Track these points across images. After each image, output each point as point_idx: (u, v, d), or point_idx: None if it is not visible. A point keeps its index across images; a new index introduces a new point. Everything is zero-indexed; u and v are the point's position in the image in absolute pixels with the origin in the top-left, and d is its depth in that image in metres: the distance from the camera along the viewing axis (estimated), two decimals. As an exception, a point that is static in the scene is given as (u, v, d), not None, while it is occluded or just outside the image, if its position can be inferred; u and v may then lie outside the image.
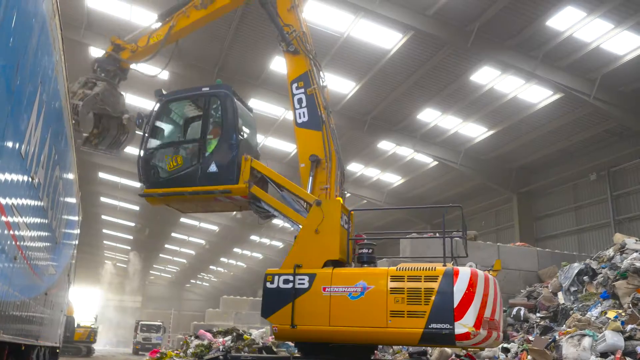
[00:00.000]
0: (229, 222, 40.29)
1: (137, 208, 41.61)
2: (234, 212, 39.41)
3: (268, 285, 7.34)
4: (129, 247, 56.05)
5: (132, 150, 30.96)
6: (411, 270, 6.91)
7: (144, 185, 8.73)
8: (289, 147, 26.92)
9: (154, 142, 8.85)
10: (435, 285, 6.61)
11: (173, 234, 48.69)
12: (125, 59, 10.45)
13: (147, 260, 59.30)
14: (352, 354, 7.71)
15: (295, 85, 8.70)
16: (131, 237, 51.43)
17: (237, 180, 8.10)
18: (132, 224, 46.15)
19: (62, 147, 7.68)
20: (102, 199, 40.73)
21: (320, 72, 8.81)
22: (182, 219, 43.44)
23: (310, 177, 8.11)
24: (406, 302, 6.65)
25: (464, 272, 6.70)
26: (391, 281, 6.82)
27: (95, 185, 36.62)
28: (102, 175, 35.55)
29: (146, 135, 8.63)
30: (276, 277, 7.35)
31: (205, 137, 8.49)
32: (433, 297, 6.54)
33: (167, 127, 9.05)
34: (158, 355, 13.28)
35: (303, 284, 7.21)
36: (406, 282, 6.78)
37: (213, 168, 8.16)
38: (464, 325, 6.42)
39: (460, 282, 6.58)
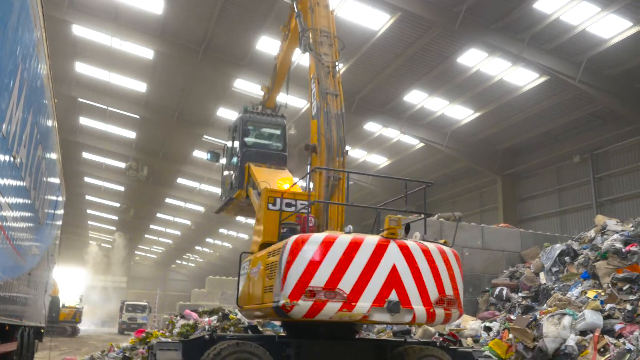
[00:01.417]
0: (214, 203, 40.16)
1: (121, 188, 41.36)
2: (220, 192, 39.37)
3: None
4: (114, 228, 55.80)
5: (115, 129, 30.71)
6: (274, 245, 7.10)
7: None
8: (275, 128, 26.79)
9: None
10: (277, 259, 6.55)
11: (158, 215, 48.52)
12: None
13: (133, 240, 59.12)
14: (337, 333, 7.79)
15: (312, 81, 8.81)
16: (116, 218, 51.17)
17: (240, 186, 9.34)
18: (117, 205, 45.89)
19: (44, 126, 7.58)
20: (87, 179, 40.40)
21: (328, 58, 8.67)
22: (168, 200, 43.30)
23: (308, 165, 8.16)
24: (269, 278, 6.82)
25: (289, 242, 6.40)
26: (267, 258, 7.04)
27: (79, 165, 36.28)
28: (86, 155, 35.22)
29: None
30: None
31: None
32: (276, 271, 6.52)
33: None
34: (144, 335, 13.27)
35: (244, 268, 8.15)
36: (271, 257, 6.91)
37: (233, 179, 9.94)
38: (283, 296, 6.25)
39: (284, 252, 6.37)
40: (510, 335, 9.79)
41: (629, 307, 9.26)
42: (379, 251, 6.47)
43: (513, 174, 25.98)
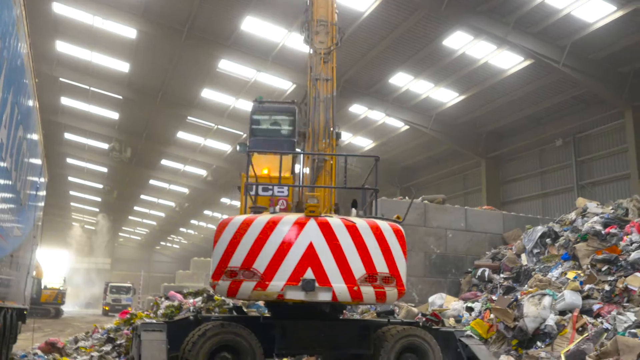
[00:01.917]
0: (199, 185, 40.08)
1: (104, 170, 40.98)
2: (205, 174, 39.34)
3: None
4: (97, 209, 55.40)
5: (97, 110, 30.29)
6: None
7: None
8: (260, 110, 26.61)
9: None
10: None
11: (142, 196, 48.22)
12: None
13: (116, 222, 58.77)
14: (321, 313, 7.86)
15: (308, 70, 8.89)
16: (99, 199, 50.77)
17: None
18: (100, 186, 45.50)
19: (25, 106, 7.46)
20: (69, 160, 39.93)
21: (323, 45, 8.87)
22: (152, 181, 43.02)
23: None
24: None
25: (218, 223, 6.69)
26: None
27: (61, 146, 35.82)
28: (68, 136, 34.77)
29: None
30: None
31: None
32: None
33: None
34: (128, 316, 13.29)
35: None
36: None
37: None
38: (209, 276, 6.60)
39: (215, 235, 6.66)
40: (492, 315, 9.96)
41: (607, 287, 9.46)
42: (296, 230, 6.46)
43: (496, 157, 26.19)
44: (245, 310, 11.10)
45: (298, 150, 8.83)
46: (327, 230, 6.43)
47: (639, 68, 18.83)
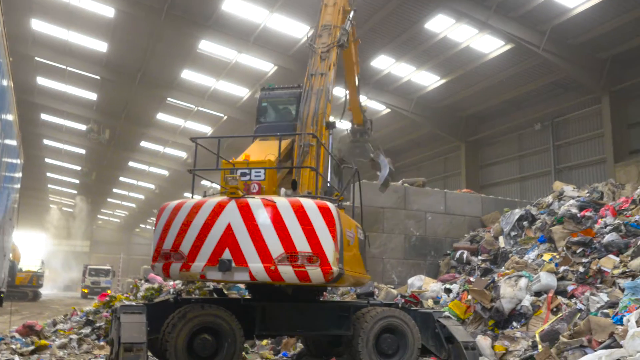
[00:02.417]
0: (179, 167, 39.75)
1: (82, 151, 40.40)
2: (185, 156, 38.96)
3: None
4: (75, 192, 54.71)
5: (74, 90, 29.72)
6: None
7: None
8: (241, 91, 26.45)
9: None
10: None
11: (121, 179, 47.71)
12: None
13: (95, 204, 58.17)
14: (302, 295, 7.93)
15: None
16: (77, 181, 50.11)
17: None
18: (78, 168, 44.85)
19: (-1, 85, 7.31)
20: (46, 141, 39.24)
21: (324, 46, 9.32)
22: (131, 163, 42.57)
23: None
24: None
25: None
26: None
27: (37, 127, 35.17)
28: (44, 116, 34.12)
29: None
30: None
31: None
32: None
33: None
34: (107, 298, 13.22)
35: None
36: None
37: None
38: (151, 259, 7.00)
39: None
40: (469, 297, 10.12)
41: (581, 269, 9.65)
42: (217, 212, 6.57)
43: (476, 141, 26.43)
44: (225, 292, 11.13)
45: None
46: (245, 211, 6.47)
47: (617, 54, 19.09)
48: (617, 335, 6.79)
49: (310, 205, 6.47)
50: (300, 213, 6.39)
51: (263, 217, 6.41)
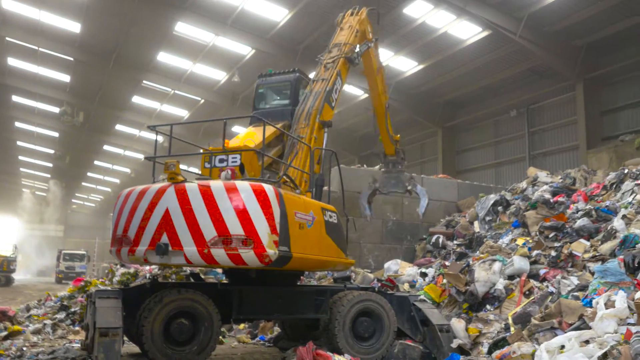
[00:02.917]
0: (159, 150, 39.23)
1: (56, 135, 39.61)
2: (162, 140, 38.39)
3: None
4: (49, 175, 53.70)
5: (47, 72, 29.01)
6: None
7: None
8: (218, 75, 26.15)
9: None
10: None
11: (96, 162, 46.97)
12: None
13: (69, 188, 57.21)
14: (279, 279, 7.96)
15: None
16: (50, 165, 49.19)
17: None
18: (51, 151, 43.99)
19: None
20: (17, 124, 38.34)
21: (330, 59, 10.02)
22: (106, 147, 41.93)
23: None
24: None
25: None
26: None
27: (8, 109, 34.33)
28: (16, 98, 33.26)
29: None
30: None
31: None
32: None
33: None
34: (82, 283, 13.09)
35: None
36: None
37: None
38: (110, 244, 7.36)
39: None
40: (444, 280, 10.27)
41: (553, 253, 9.86)
42: (157, 197, 6.68)
43: (453, 127, 26.64)
44: (202, 277, 11.12)
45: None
46: (182, 196, 6.53)
47: (592, 42, 19.34)
48: (587, 317, 6.97)
49: (244, 188, 6.45)
50: (234, 196, 6.38)
51: (197, 201, 6.44)
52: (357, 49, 10.33)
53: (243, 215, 6.31)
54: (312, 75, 9.88)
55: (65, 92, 30.91)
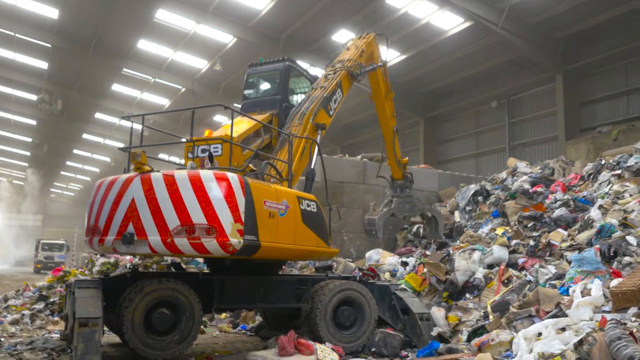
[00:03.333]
0: (136, 140, 38.78)
1: (33, 122, 38.90)
2: (141, 129, 37.87)
3: None
4: (26, 164, 52.81)
5: (24, 59, 28.42)
6: None
7: None
8: (200, 63, 25.90)
9: None
10: None
11: (75, 151, 46.29)
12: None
13: (47, 177, 56.34)
14: (260, 269, 7.96)
15: None
16: (28, 154, 48.38)
17: None
18: (29, 140, 43.24)
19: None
20: (-7, 111, 37.61)
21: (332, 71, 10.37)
22: (85, 135, 41.33)
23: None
24: None
25: None
26: None
27: (-16, 96, 33.64)
28: (-9, 85, 32.59)
29: None
30: None
31: None
32: None
33: None
34: (61, 273, 12.95)
35: None
36: None
37: None
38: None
39: None
40: (425, 270, 10.37)
41: (531, 242, 10.01)
42: (124, 187, 6.73)
43: (434, 117, 26.78)
44: (183, 266, 11.07)
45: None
46: (147, 185, 6.56)
47: (572, 34, 19.53)
48: (563, 305, 7.11)
49: (207, 177, 6.43)
50: (197, 185, 6.36)
51: (161, 191, 6.45)
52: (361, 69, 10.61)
53: (206, 204, 6.28)
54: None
55: (43, 79, 30.34)
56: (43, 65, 28.49)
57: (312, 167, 8.80)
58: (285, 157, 8.21)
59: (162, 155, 41.66)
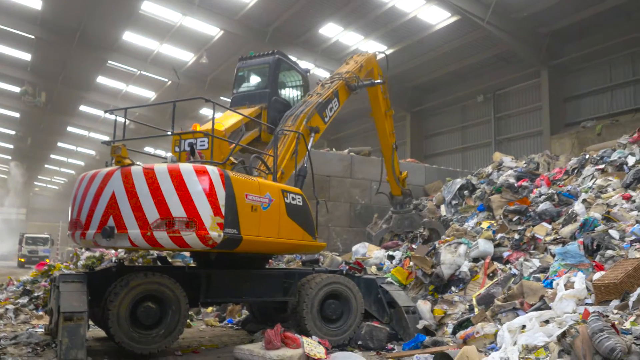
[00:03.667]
0: (120, 133, 38.43)
1: (17, 115, 38.36)
2: (127, 123, 37.59)
3: None
4: (10, 157, 52.15)
5: (6, 50, 28.01)
6: None
7: None
8: (186, 56, 25.70)
9: None
10: None
11: (59, 144, 45.76)
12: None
13: (31, 170, 55.68)
14: (247, 262, 7.96)
15: None
16: (11, 146, 47.75)
17: None
18: (12, 132, 42.65)
19: None
20: (-25, 104, 37.02)
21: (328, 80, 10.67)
22: (70, 128, 40.88)
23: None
24: None
25: None
26: None
27: (-35, 88, 33.11)
28: (-27, 77, 32.06)
29: None
30: None
31: None
32: None
33: None
34: (46, 267, 12.83)
35: None
36: None
37: None
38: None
39: None
40: (411, 263, 10.42)
41: (516, 236, 10.10)
42: (105, 181, 6.72)
43: (421, 111, 26.86)
44: (169, 260, 11.03)
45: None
46: (127, 179, 6.54)
47: (557, 29, 19.67)
48: (547, 298, 7.19)
49: (187, 170, 6.41)
50: (177, 179, 6.34)
51: (141, 185, 6.43)
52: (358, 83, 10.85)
53: (185, 197, 6.26)
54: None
55: (27, 71, 29.92)
56: (26, 56, 28.09)
57: (304, 165, 8.86)
58: (282, 151, 8.24)
59: (147, 149, 41.45)
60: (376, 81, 11.48)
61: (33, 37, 25.28)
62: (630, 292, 6.43)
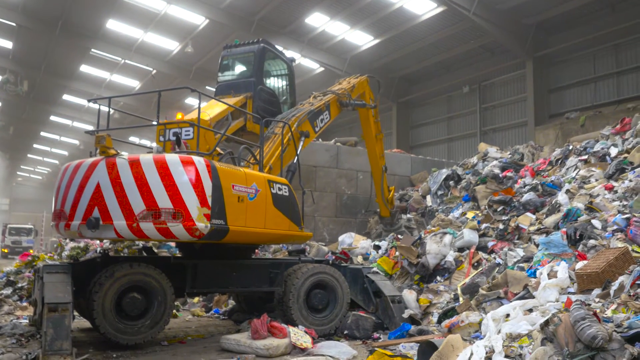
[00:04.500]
0: (105, 123, 38.01)
1: (-2, 104, 37.81)
2: (112, 112, 37.19)
3: None
4: (-9, 147, 51.43)
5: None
6: None
7: None
8: (171, 45, 25.43)
9: None
10: None
11: (42, 134, 45.17)
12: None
13: (14, 160, 54.99)
14: (234, 252, 7.95)
15: None
16: (-7, 136, 47.07)
17: None
18: (-6, 122, 42.04)
19: None
20: (-44, 92, 36.34)
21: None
22: (53, 118, 40.36)
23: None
24: None
25: None
26: None
27: (-55, 76, 32.44)
28: (-47, 65, 31.45)
29: None
30: None
31: None
32: None
33: None
34: (29, 258, 12.71)
35: None
36: None
37: None
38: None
39: None
40: (397, 253, 10.48)
41: (501, 226, 10.20)
42: (90, 171, 6.66)
43: (407, 102, 26.91)
44: (155, 250, 10.98)
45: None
46: (112, 170, 6.48)
47: (542, 21, 19.78)
48: (531, 287, 7.28)
49: (173, 160, 6.37)
50: (163, 169, 6.30)
51: (126, 175, 6.37)
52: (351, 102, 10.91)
53: (171, 188, 6.22)
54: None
55: (8, 59, 29.41)
56: (8, 44, 27.61)
57: (294, 161, 8.96)
58: (272, 148, 8.24)
59: (132, 139, 41.06)
60: (368, 105, 11.54)
61: (14, 24, 24.83)
62: (611, 281, 6.53)
